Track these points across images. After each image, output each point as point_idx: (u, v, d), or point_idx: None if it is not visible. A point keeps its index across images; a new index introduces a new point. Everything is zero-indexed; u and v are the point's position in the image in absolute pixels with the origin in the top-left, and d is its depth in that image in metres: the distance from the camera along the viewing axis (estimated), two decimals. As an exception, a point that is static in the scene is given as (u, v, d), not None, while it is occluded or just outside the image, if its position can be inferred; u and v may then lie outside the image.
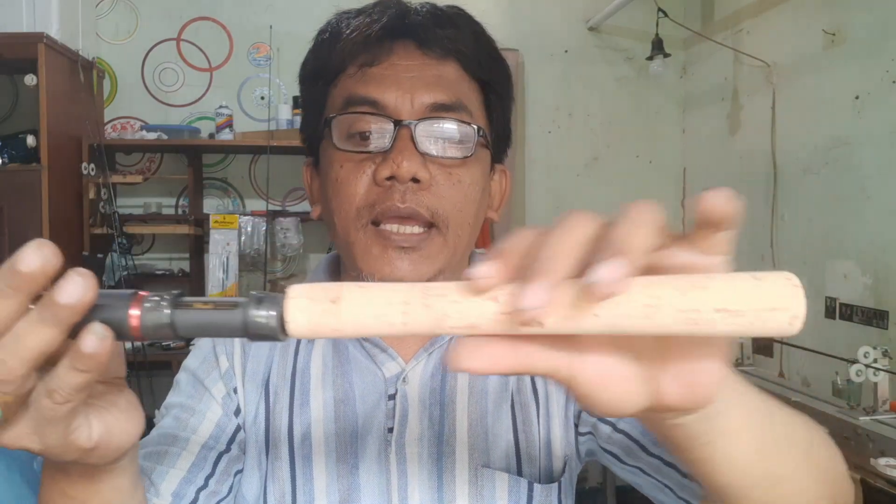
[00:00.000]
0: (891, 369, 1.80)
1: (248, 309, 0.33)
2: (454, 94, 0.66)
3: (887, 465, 1.51)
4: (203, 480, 0.65)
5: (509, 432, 0.69)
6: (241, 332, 0.34)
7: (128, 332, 0.34)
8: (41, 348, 0.33)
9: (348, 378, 0.70)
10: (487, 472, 0.66)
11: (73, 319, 0.33)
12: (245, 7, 3.26)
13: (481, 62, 0.69)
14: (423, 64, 0.66)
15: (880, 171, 2.20)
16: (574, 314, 0.31)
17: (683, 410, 0.36)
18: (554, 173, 3.46)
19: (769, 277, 0.31)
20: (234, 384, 0.71)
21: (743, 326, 0.31)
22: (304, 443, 0.68)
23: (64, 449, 0.37)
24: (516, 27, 3.36)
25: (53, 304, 0.32)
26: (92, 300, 0.33)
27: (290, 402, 0.70)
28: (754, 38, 2.85)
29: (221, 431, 0.69)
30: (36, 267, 0.32)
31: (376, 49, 0.65)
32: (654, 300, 0.31)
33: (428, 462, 0.67)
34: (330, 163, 0.67)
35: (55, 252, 0.33)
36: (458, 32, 0.67)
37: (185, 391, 0.70)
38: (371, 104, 0.64)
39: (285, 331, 0.33)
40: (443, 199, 0.64)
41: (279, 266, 3.32)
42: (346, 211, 0.65)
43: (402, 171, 0.61)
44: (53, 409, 0.35)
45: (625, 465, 0.65)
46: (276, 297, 0.34)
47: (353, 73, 0.66)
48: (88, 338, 0.33)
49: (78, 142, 2.92)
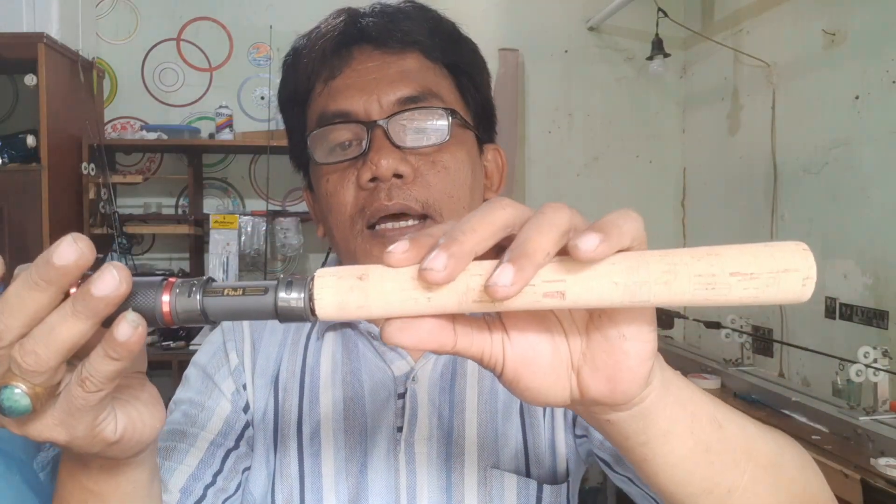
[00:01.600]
0: (891, 369, 1.80)
1: (278, 292, 0.34)
2: (419, 85, 0.66)
3: (887, 465, 1.51)
4: (211, 477, 0.65)
5: (518, 433, 0.69)
6: (271, 315, 0.35)
7: (160, 319, 0.35)
8: (74, 340, 0.34)
9: (358, 376, 0.70)
10: (496, 473, 0.66)
11: (106, 312, 0.33)
12: (245, 7, 3.26)
13: (443, 47, 0.69)
14: (382, 63, 0.66)
15: (880, 171, 2.20)
16: (593, 283, 0.32)
17: (608, 405, 0.37)
18: (554, 173, 3.46)
19: (780, 244, 0.32)
20: (243, 380, 0.71)
21: (758, 290, 0.32)
22: (313, 440, 0.68)
23: (90, 441, 0.38)
24: (516, 27, 3.36)
25: (88, 296, 0.33)
26: (126, 293, 0.34)
27: (300, 400, 0.70)
28: (754, 38, 2.85)
29: (230, 428, 0.69)
30: (71, 261, 0.32)
31: (335, 60, 0.67)
32: (671, 266, 0.32)
33: (437, 462, 0.67)
34: (318, 180, 0.68)
35: (90, 246, 0.33)
36: (411, 24, 0.68)
37: (194, 386, 0.71)
38: (341, 116, 0.65)
39: (314, 312, 0.34)
40: (431, 188, 0.64)
41: (279, 266, 3.32)
42: (341, 221, 0.65)
43: (382, 170, 0.62)
44: (85, 397, 0.35)
45: (615, 472, 0.66)
46: (305, 280, 0.34)
47: (321, 91, 0.67)
48: (122, 326, 0.34)
49: (78, 142, 2.92)
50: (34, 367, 0.33)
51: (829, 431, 1.79)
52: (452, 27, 0.72)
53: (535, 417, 0.70)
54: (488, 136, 0.74)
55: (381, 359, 0.70)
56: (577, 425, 0.69)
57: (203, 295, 0.35)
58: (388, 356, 0.70)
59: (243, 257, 3.07)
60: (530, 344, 0.37)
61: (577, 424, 0.69)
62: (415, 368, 0.69)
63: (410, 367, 0.69)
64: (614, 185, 3.49)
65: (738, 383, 2.25)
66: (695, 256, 0.32)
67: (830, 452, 1.64)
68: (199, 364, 0.72)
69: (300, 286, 0.34)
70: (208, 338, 0.75)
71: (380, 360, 0.70)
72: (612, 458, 0.65)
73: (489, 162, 0.74)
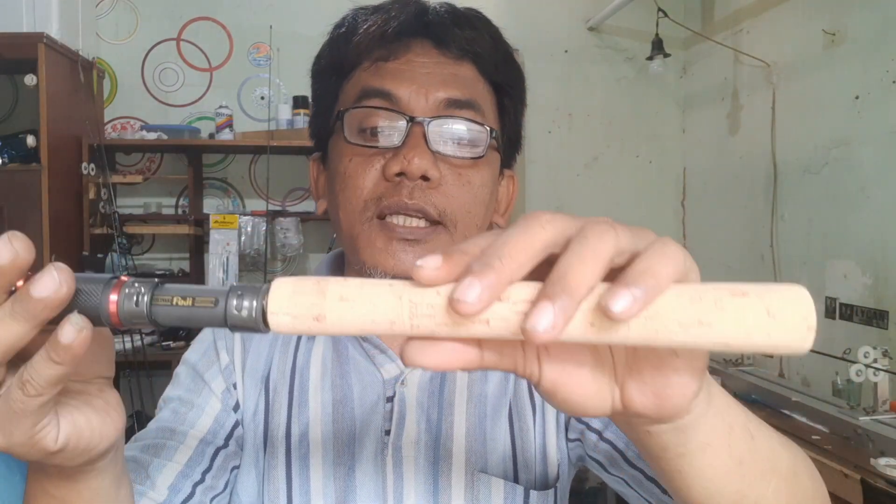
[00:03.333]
0: (891, 369, 1.80)
1: (229, 303, 0.32)
2: (469, 93, 0.66)
3: (887, 465, 1.51)
4: (200, 475, 0.65)
5: (507, 438, 0.69)
6: (222, 324, 0.33)
7: (106, 320, 0.34)
8: (12, 342, 0.33)
9: (347, 379, 0.70)
10: (484, 478, 0.66)
11: (46, 315, 0.32)
12: (245, 7, 3.26)
13: (497, 65, 0.69)
14: (439, 62, 0.66)
15: (880, 171, 2.20)
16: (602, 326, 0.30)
17: (653, 419, 0.36)
18: (554, 173, 3.46)
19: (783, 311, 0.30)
20: (233, 379, 0.71)
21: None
22: (301, 443, 0.68)
23: (28, 448, 0.36)
24: (516, 27, 3.35)
25: (27, 297, 0.32)
26: (66, 296, 0.32)
27: (289, 401, 0.70)
28: (754, 38, 2.85)
29: (220, 426, 0.68)
30: (6, 261, 0.32)
31: (393, 45, 0.65)
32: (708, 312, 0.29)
33: (424, 465, 0.66)
34: (339, 156, 0.66)
35: (27, 245, 0.32)
36: (475, 33, 0.67)
37: (184, 384, 0.70)
38: (385, 97, 0.64)
39: (267, 325, 0.32)
40: (452, 199, 0.64)
41: (279, 266, 3.32)
42: (353, 204, 0.64)
43: (413, 168, 0.61)
44: (24, 401, 0.34)
45: (609, 474, 0.65)
46: (258, 290, 0.32)
47: (368, 67, 0.66)
48: (66, 328, 0.33)
49: (78, 142, 2.92)
50: None
51: (829, 431, 1.79)
52: (509, 48, 0.71)
53: (524, 422, 0.69)
54: (509, 162, 0.74)
55: (370, 362, 0.70)
56: (571, 429, 0.69)
57: (151, 303, 0.33)
58: (377, 359, 0.69)
59: (243, 257, 3.07)
60: (570, 353, 0.35)
61: (571, 429, 0.69)
62: (404, 372, 0.69)
63: (400, 371, 0.69)
64: (614, 185, 3.49)
65: (739, 383, 2.25)
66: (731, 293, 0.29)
67: (830, 452, 1.64)
68: (190, 362, 0.72)
69: (252, 296, 0.32)
70: (199, 336, 0.75)
71: (369, 363, 0.70)
72: (606, 460, 0.65)
73: (502, 187, 0.74)
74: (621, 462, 0.63)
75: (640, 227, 0.33)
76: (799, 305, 0.29)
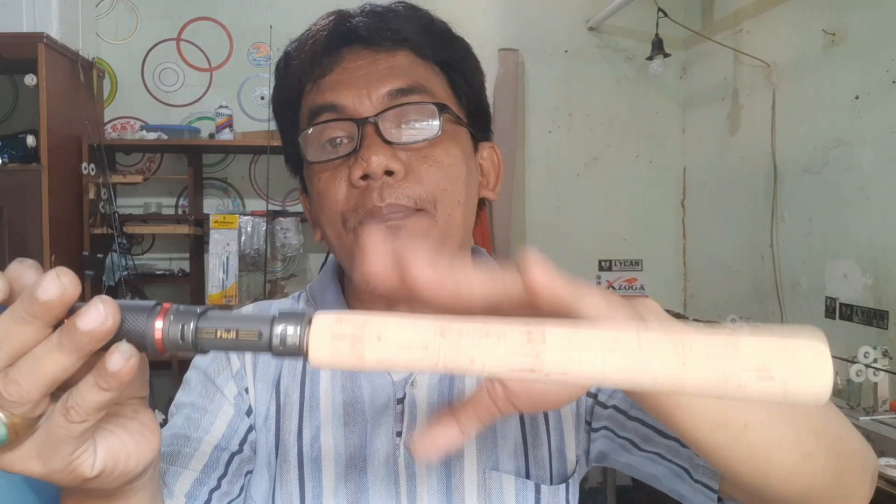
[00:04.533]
0: (891, 369, 1.80)
1: (273, 336, 0.33)
2: (409, 79, 0.66)
3: (887, 465, 1.51)
4: (216, 481, 0.65)
5: (518, 434, 0.69)
6: (266, 352, 0.34)
7: (151, 347, 0.34)
8: (58, 373, 0.33)
9: (357, 381, 0.70)
10: (496, 475, 0.66)
11: (92, 347, 0.33)
12: (245, 7, 3.26)
13: (434, 45, 0.68)
14: (373, 60, 0.66)
15: (880, 171, 2.20)
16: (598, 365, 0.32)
17: None
18: (554, 173, 3.46)
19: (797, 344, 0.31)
20: (245, 384, 0.71)
21: (774, 392, 0.31)
22: (313, 446, 0.68)
23: (66, 475, 0.37)
24: (516, 27, 3.36)
25: (74, 330, 0.33)
26: (112, 328, 0.33)
27: (301, 405, 0.70)
28: (754, 38, 2.85)
29: (234, 432, 0.68)
30: (55, 296, 0.32)
31: (326, 61, 0.66)
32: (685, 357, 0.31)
33: (436, 466, 0.67)
34: (310, 179, 0.68)
35: (74, 281, 0.33)
36: (402, 22, 0.67)
37: (195, 390, 0.70)
38: (331, 109, 0.65)
39: (307, 358, 0.33)
40: (424, 182, 0.63)
41: (279, 266, 3.32)
42: (333, 219, 0.65)
43: (374, 167, 0.61)
44: (67, 428, 0.34)
45: (642, 451, 0.64)
46: (301, 319, 0.33)
47: (311, 89, 0.67)
48: (115, 356, 0.33)
49: (78, 142, 2.92)
50: (16, 397, 0.33)
51: (829, 431, 1.79)
52: (444, 26, 0.71)
53: (535, 419, 0.69)
54: (483, 134, 0.73)
55: None
56: (595, 418, 0.69)
57: (196, 334, 0.34)
58: None
59: (243, 257, 3.07)
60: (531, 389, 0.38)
61: (595, 417, 0.69)
62: (413, 373, 0.69)
63: (409, 372, 0.69)
64: (614, 185, 3.49)
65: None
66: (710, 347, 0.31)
67: (830, 452, 1.64)
68: (201, 367, 0.72)
69: (294, 325, 0.33)
70: None
71: None
72: (638, 438, 0.64)
73: (485, 160, 0.73)
74: (655, 436, 0.63)
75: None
76: (818, 373, 0.30)
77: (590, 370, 0.31)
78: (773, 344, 0.30)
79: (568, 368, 0.31)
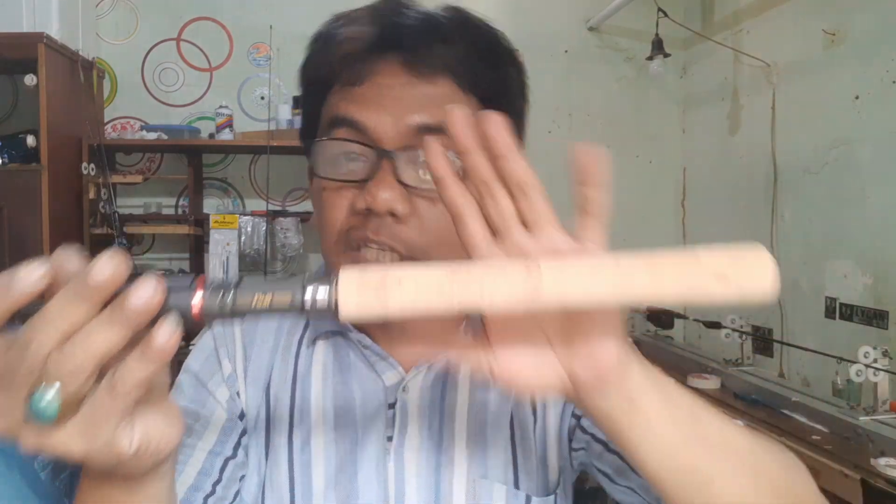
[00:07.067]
0: (891, 369, 1.80)
1: (305, 295, 0.36)
2: (442, 115, 0.60)
3: (887, 465, 1.51)
4: (211, 487, 0.65)
5: (508, 444, 0.69)
6: (299, 313, 0.37)
7: (189, 319, 0.37)
8: (109, 346, 0.35)
9: (349, 385, 0.69)
10: (485, 484, 0.66)
11: (140, 321, 0.35)
12: (245, 7, 3.26)
13: (476, 76, 0.63)
14: (409, 83, 0.61)
15: (880, 171, 2.20)
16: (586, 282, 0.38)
17: (595, 386, 0.43)
18: (554, 173, 3.46)
19: (744, 253, 0.37)
20: (237, 388, 0.70)
21: (729, 291, 0.37)
22: (303, 449, 0.68)
23: (105, 454, 0.38)
24: (516, 27, 3.34)
25: (125, 307, 0.34)
26: (160, 303, 0.35)
27: (291, 409, 0.69)
28: (754, 38, 2.85)
29: (227, 437, 0.68)
30: (107, 276, 0.34)
31: (360, 66, 0.62)
32: (654, 268, 0.38)
33: (426, 471, 0.66)
34: (316, 184, 0.66)
35: (126, 262, 0.35)
36: (447, 48, 0.62)
37: (187, 395, 0.70)
38: (352, 125, 0.61)
39: (338, 311, 0.36)
40: (424, 233, 0.60)
41: (279, 266, 3.32)
42: (329, 235, 0.64)
43: (379, 204, 0.58)
44: (112, 403, 0.36)
45: (617, 485, 0.65)
46: (330, 281, 0.37)
47: (339, 91, 0.63)
48: (164, 330, 0.35)
49: (78, 142, 2.92)
50: (71, 369, 0.34)
51: (829, 431, 1.79)
52: (495, 53, 0.65)
53: (525, 430, 0.69)
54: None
55: (371, 369, 0.69)
56: (575, 440, 0.69)
57: (234, 302, 0.36)
58: (379, 366, 0.69)
59: (243, 257, 3.07)
60: (515, 351, 0.43)
61: (575, 440, 0.69)
62: (406, 379, 0.69)
63: (401, 378, 0.69)
64: (614, 185, 3.47)
65: (738, 383, 2.25)
66: (677, 260, 0.37)
67: (830, 452, 1.64)
68: (192, 371, 0.71)
69: (324, 284, 0.36)
70: (199, 343, 0.73)
71: (371, 370, 0.69)
72: (613, 471, 0.65)
73: None
74: (628, 471, 0.64)
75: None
76: (763, 274, 0.37)
77: (582, 293, 0.37)
78: (726, 254, 0.37)
79: (563, 292, 0.36)
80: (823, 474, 1.57)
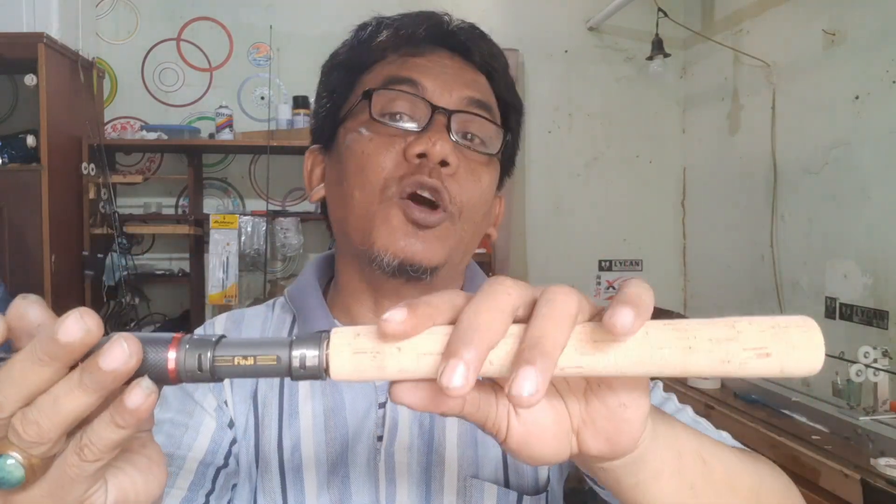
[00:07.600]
0: (891, 369, 1.80)
1: (292, 359, 0.34)
2: (488, 98, 0.69)
3: (887, 465, 1.51)
4: (203, 498, 0.64)
5: (497, 444, 0.68)
6: (285, 376, 0.34)
7: (164, 378, 0.34)
8: (78, 412, 0.32)
9: (338, 387, 0.69)
10: (476, 483, 0.66)
11: (114, 386, 0.32)
12: (245, 7, 3.26)
13: (507, 86, 0.72)
14: (462, 67, 0.69)
15: (880, 171, 2.20)
16: (626, 356, 0.34)
17: (605, 458, 0.40)
18: (554, 173, 3.46)
19: (790, 321, 0.34)
20: (224, 396, 0.70)
21: (772, 366, 0.34)
22: (293, 454, 0.67)
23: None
24: (516, 27, 3.36)
25: (96, 370, 0.32)
26: (135, 367, 0.32)
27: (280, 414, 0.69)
28: (754, 38, 2.85)
29: (217, 446, 0.67)
30: (77, 338, 0.32)
31: (419, 42, 0.69)
32: (689, 342, 0.34)
33: (417, 471, 0.66)
34: (357, 138, 0.66)
35: (97, 322, 0.32)
36: (494, 51, 0.71)
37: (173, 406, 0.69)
38: (411, 84, 0.66)
39: (328, 374, 0.34)
40: (464, 190, 0.65)
41: (279, 266, 3.32)
42: (372, 183, 0.64)
43: (436, 151, 0.62)
44: (80, 467, 0.34)
45: (601, 488, 0.65)
46: (319, 340, 0.34)
47: (394, 60, 0.68)
48: (136, 393, 0.33)
49: (78, 142, 2.92)
50: (35, 438, 0.32)
51: (829, 431, 1.79)
52: (510, 74, 0.75)
53: None
54: (501, 181, 0.75)
55: None
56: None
57: (213, 363, 0.34)
58: None
59: (243, 257, 3.07)
60: (535, 413, 0.39)
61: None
62: None
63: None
64: (614, 185, 3.49)
65: (738, 383, 2.25)
66: (713, 334, 0.33)
67: (830, 452, 1.64)
68: None
69: (313, 348, 0.34)
70: None
71: None
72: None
73: (494, 202, 0.75)
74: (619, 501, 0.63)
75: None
76: (809, 347, 0.33)
77: (604, 363, 0.33)
78: (768, 324, 0.33)
79: (581, 363, 0.33)
80: (823, 474, 1.57)
